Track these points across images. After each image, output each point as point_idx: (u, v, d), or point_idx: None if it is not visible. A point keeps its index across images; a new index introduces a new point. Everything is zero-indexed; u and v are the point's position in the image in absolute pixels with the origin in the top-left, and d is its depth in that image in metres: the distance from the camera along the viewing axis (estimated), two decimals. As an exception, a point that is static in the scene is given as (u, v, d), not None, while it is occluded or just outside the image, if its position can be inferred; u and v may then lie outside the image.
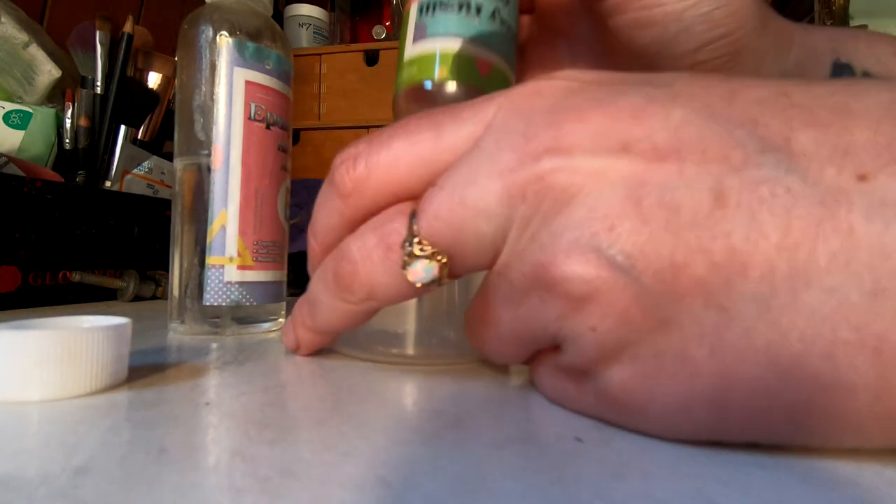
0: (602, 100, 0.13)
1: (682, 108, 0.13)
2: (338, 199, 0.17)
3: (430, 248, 0.15)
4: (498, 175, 0.14)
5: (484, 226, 0.14)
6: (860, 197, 0.11)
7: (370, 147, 0.16)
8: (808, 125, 0.12)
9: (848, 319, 0.10)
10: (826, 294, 0.11)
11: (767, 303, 0.11)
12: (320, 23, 1.27)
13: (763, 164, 0.11)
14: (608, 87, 0.14)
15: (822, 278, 0.11)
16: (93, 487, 0.10)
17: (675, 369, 0.12)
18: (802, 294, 0.11)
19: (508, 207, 0.14)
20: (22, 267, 0.37)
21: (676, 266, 0.12)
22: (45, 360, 0.15)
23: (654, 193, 0.12)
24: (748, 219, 0.11)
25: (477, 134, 0.15)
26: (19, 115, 0.49)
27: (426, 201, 0.15)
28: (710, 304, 0.11)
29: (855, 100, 0.12)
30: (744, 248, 0.11)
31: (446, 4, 0.21)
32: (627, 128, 0.13)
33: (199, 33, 0.27)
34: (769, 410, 0.11)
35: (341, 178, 0.16)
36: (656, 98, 0.13)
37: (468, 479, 0.10)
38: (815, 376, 0.11)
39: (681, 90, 0.13)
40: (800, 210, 0.11)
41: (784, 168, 0.11)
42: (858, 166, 0.11)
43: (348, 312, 0.18)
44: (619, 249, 0.12)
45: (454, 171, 0.15)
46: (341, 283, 0.17)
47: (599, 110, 0.13)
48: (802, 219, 0.11)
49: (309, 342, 0.21)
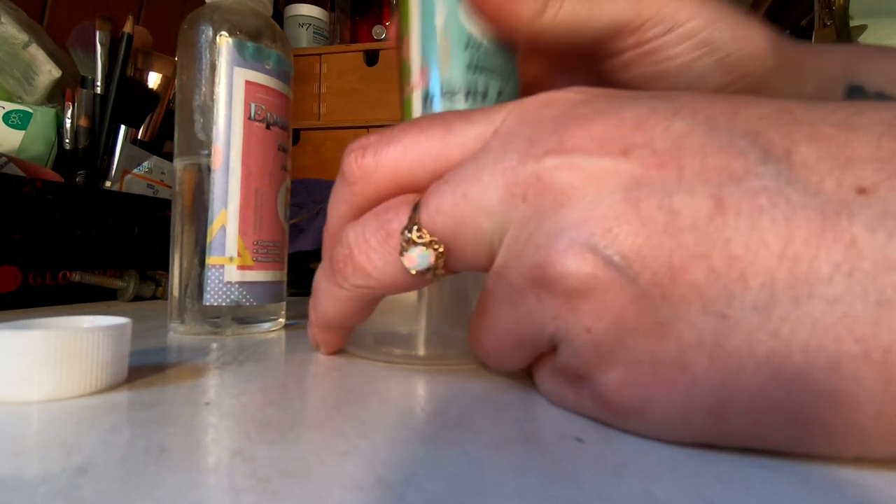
0: (606, 110, 0.14)
1: (685, 120, 0.13)
2: (345, 188, 0.17)
3: (429, 236, 0.15)
4: (500, 173, 0.14)
5: (484, 222, 0.14)
6: (861, 209, 0.11)
7: (381, 138, 0.17)
8: (809, 138, 0.12)
9: (852, 331, 0.10)
10: (829, 304, 0.10)
11: (768, 312, 0.11)
12: (320, 23, 1.28)
13: (763, 175, 0.11)
14: (614, 99, 0.14)
15: (825, 288, 0.11)
16: (93, 487, 0.10)
17: (672, 376, 0.12)
18: (804, 304, 0.11)
19: (508, 206, 0.14)
20: (22, 267, 0.37)
21: (674, 270, 0.12)
22: (45, 360, 0.15)
23: (652, 196, 0.12)
24: (748, 227, 0.11)
25: (486, 135, 0.15)
26: (19, 115, 0.49)
27: (430, 194, 0.15)
28: (708, 310, 0.11)
29: (857, 116, 0.12)
30: (744, 256, 0.11)
31: (452, 93, 0.21)
32: (629, 135, 0.13)
33: (199, 33, 0.27)
34: (770, 420, 0.11)
35: (349, 167, 0.17)
36: (659, 110, 0.13)
37: (468, 479, 0.10)
38: (818, 388, 0.11)
39: (684, 104, 0.13)
40: (800, 220, 0.11)
41: (784, 179, 0.11)
42: (859, 179, 0.11)
43: (343, 299, 0.18)
44: (616, 250, 0.12)
45: (460, 168, 0.15)
46: (336, 267, 0.17)
47: (603, 119, 0.13)
48: (803, 229, 0.11)
49: (320, 339, 0.21)
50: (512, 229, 0.14)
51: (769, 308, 0.11)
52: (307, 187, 0.60)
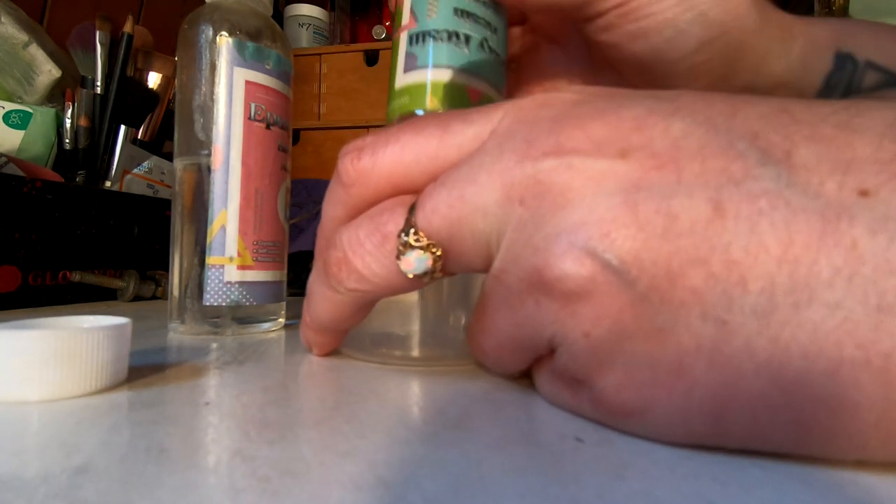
0: (604, 110, 0.14)
1: (683, 121, 0.13)
2: (341, 190, 0.17)
3: (426, 239, 0.15)
4: (498, 174, 0.14)
5: (481, 223, 0.14)
6: (862, 211, 0.11)
7: (377, 140, 0.16)
8: (809, 140, 0.12)
9: (852, 336, 0.10)
10: (829, 309, 0.10)
11: (768, 317, 0.11)
12: (320, 23, 1.28)
13: (762, 177, 0.11)
14: (612, 99, 0.14)
15: (825, 293, 0.10)
16: (93, 487, 0.10)
17: (671, 380, 0.12)
18: (804, 309, 0.11)
19: (506, 208, 0.14)
20: (22, 267, 0.37)
21: (672, 275, 0.11)
22: (45, 360, 0.15)
23: (651, 199, 0.12)
24: (747, 230, 0.11)
25: (483, 136, 0.15)
26: (19, 115, 0.49)
27: (426, 195, 0.15)
28: (707, 315, 0.11)
29: (858, 117, 0.12)
30: (743, 261, 0.11)
31: (436, 36, 0.22)
32: (627, 136, 0.13)
33: (199, 33, 0.27)
34: (770, 425, 0.11)
35: (345, 169, 0.17)
36: (658, 110, 0.13)
37: (468, 479, 0.10)
38: (818, 394, 0.11)
39: (683, 104, 0.13)
40: (800, 224, 0.11)
41: (784, 181, 0.11)
42: (860, 182, 0.11)
43: (338, 302, 0.17)
44: (615, 254, 0.12)
45: (456, 168, 0.15)
46: (330, 270, 0.17)
47: (601, 119, 0.13)
48: (803, 232, 0.11)
49: (314, 341, 0.21)
50: (510, 231, 0.14)
51: (769, 313, 0.11)
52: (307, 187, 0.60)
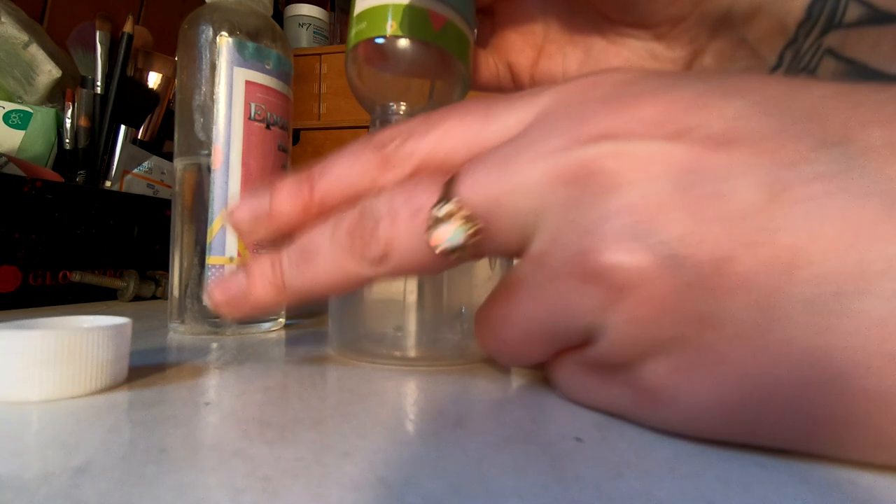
0: (657, 89, 0.13)
1: (741, 101, 0.12)
2: (374, 166, 0.16)
3: (464, 210, 0.14)
4: (543, 156, 0.13)
5: (522, 203, 0.13)
6: None
7: (419, 126, 0.16)
8: (869, 123, 0.11)
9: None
10: (879, 302, 0.10)
11: (813, 307, 0.10)
12: (320, 23, 1.27)
13: (819, 160, 0.11)
14: (663, 78, 0.14)
15: (876, 285, 0.10)
16: (93, 487, 0.10)
17: (713, 368, 0.11)
18: (852, 300, 0.10)
19: (551, 189, 0.13)
20: (22, 267, 0.37)
21: (720, 260, 0.11)
22: (45, 360, 0.15)
23: (703, 183, 0.11)
24: (799, 216, 0.11)
25: (527, 120, 0.15)
26: (19, 115, 0.49)
27: (466, 170, 0.14)
28: (753, 303, 0.11)
29: None
30: (792, 247, 0.10)
31: None
32: (682, 116, 0.12)
33: (199, 33, 0.27)
34: (806, 418, 0.11)
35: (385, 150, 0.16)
36: (711, 91, 0.13)
37: (468, 479, 0.10)
38: (856, 388, 0.10)
39: (737, 84, 0.13)
40: (856, 209, 0.10)
41: (842, 165, 0.11)
42: None
43: (351, 275, 0.16)
44: (663, 239, 0.11)
45: (499, 147, 0.14)
46: (356, 241, 0.15)
47: (654, 99, 0.13)
48: (858, 219, 0.10)
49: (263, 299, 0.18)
50: (553, 213, 0.13)
51: (814, 303, 0.10)
52: (307, 187, 0.60)
